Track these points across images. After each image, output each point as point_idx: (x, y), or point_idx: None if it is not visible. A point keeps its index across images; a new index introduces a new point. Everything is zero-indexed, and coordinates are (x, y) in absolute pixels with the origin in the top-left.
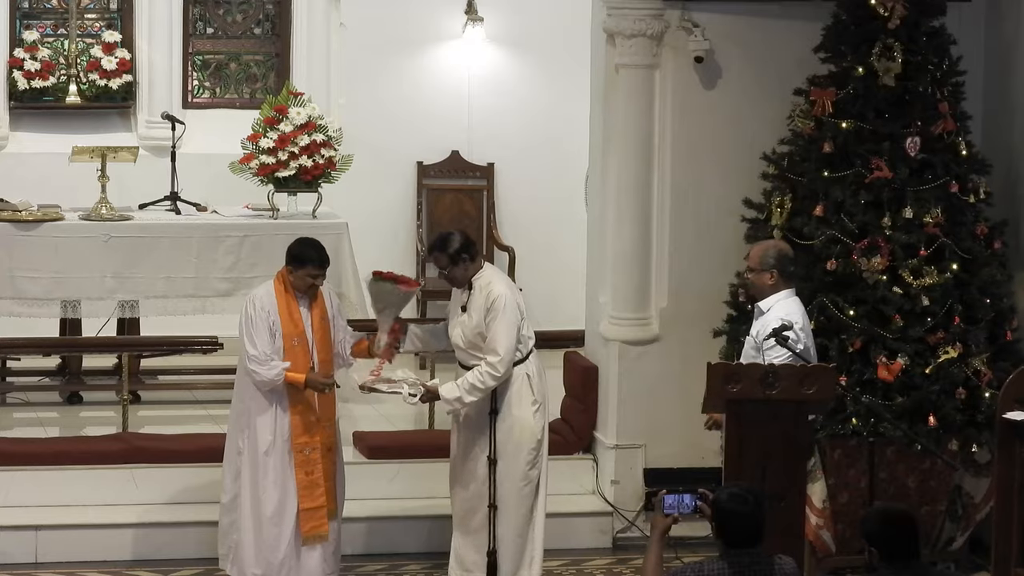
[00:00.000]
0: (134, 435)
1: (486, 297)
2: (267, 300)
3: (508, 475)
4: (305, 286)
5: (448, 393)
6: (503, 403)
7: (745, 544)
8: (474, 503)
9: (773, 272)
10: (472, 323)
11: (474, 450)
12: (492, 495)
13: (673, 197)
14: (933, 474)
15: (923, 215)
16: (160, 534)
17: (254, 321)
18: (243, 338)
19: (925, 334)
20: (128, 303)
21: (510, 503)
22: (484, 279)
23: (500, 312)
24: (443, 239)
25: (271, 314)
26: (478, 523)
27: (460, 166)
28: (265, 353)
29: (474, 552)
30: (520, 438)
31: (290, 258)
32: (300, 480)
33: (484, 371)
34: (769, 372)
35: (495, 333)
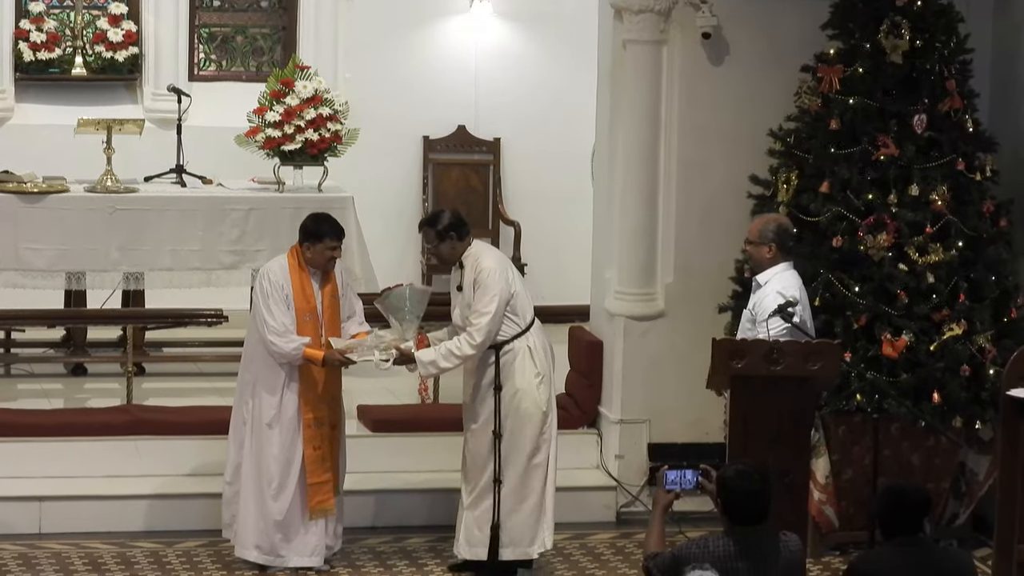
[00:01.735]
0: (138, 407)
1: (474, 271)
2: (281, 274)
3: (513, 450)
4: (324, 260)
5: (424, 357)
6: (506, 377)
7: (751, 521)
8: (482, 477)
9: (772, 246)
10: (467, 300)
11: (480, 425)
12: (497, 470)
13: (680, 173)
14: (937, 451)
15: (929, 193)
16: (164, 506)
17: (269, 294)
18: (260, 310)
19: (930, 311)
20: (133, 275)
21: (515, 478)
22: (472, 256)
23: (484, 284)
24: (433, 215)
25: (284, 287)
26: (484, 498)
27: (466, 141)
28: (284, 324)
29: (476, 527)
30: (525, 412)
31: (305, 235)
32: (308, 455)
33: (463, 339)
34: (774, 348)
35: (477, 303)
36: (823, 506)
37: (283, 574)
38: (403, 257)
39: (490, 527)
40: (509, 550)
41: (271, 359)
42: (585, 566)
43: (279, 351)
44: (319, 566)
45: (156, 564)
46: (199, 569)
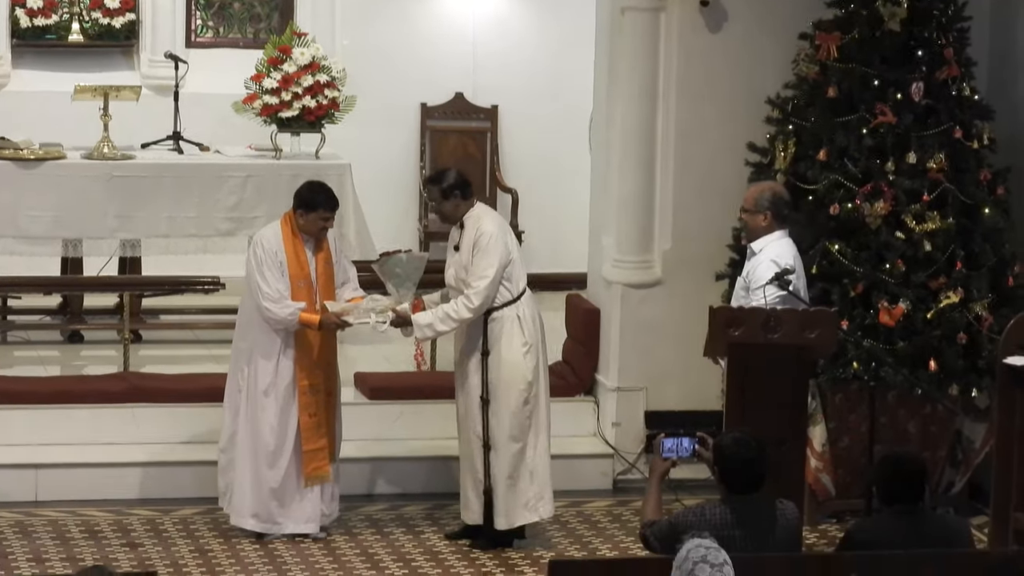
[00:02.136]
0: (135, 374)
1: (474, 233)
2: (274, 241)
3: (498, 415)
4: (316, 229)
5: (421, 319)
6: (493, 344)
7: (747, 489)
8: (473, 443)
9: (767, 214)
10: (462, 261)
11: (469, 391)
12: (486, 435)
13: (677, 140)
14: (934, 419)
15: (926, 161)
16: (160, 473)
17: (263, 260)
18: (254, 277)
19: (927, 279)
20: (130, 242)
21: (501, 444)
22: (474, 217)
23: (484, 248)
24: (438, 174)
25: (279, 254)
26: (477, 463)
27: (464, 108)
28: (278, 290)
29: (473, 492)
30: (510, 379)
31: (300, 202)
32: (304, 422)
33: (460, 302)
34: (771, 317)
35: (476, 267)
36: (820, 474)
37: (280, 542)
38: (400, 224)
39: (483, 491)
40: (502, 518)
41: (267, 326)
42: (582, 534)
43: (275, 317)
44: (315, 533)
45: (153, 532)
46: (196, 537)
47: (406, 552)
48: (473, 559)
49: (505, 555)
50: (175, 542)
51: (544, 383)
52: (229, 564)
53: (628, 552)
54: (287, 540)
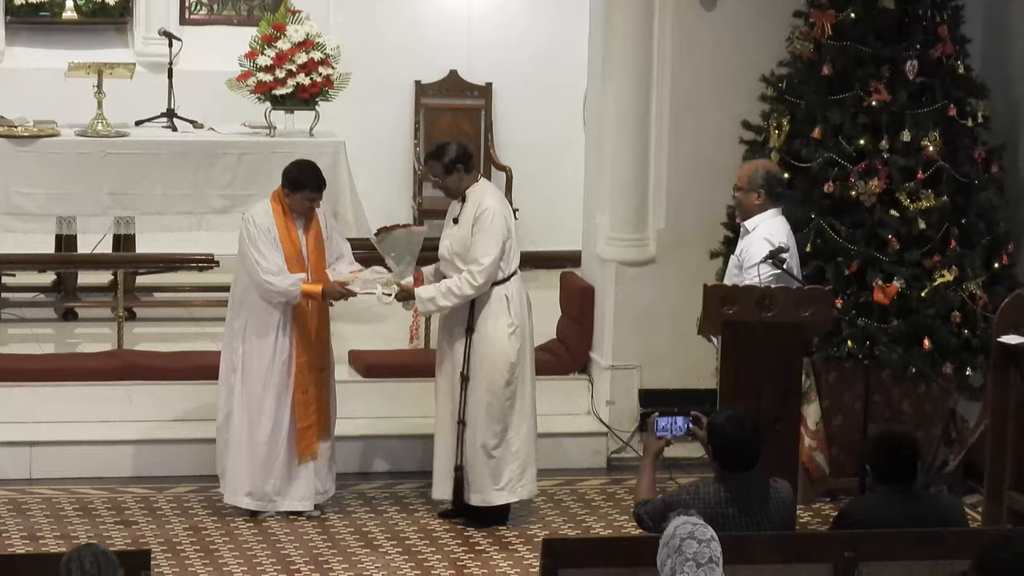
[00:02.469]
0: (129, 352)
1: (476, 208)
2: (266, 219)
3: (475, 393)
4: (303, 209)
5: (424, 293)
6: (479, 321)
7: (741, 467)
8: (449, 418)
9: (760, 192)
10: (460, 234)
11: (450, 366)
12: (461, 411)
13: (672, 118)
14: (928, 398)
15: (921, 139)
16: (155, 451)
17: (256, 237)
18: (249, 254)
19: (921, 258)
20: (124, 219)
21: (477, 421)
22: (477, 192)
23: (487, 224)
24: (439, 148)
25: (271, 231)
26: (446, 440)
27: (458, 85)
28: (277, 264)
29: (442, 466)
30: (493, 359)
31: (287, 181)
32: (297, 399)
33: (463, 278)
34: (765, 295)
35: (479, 243)
36: (813, 452)
37: (273, 519)
38: (394, 201)
39: (454, 467)
40: (476, 495)
41: (262, 304)
42: (576, 512)
43: (276, 289)
44: (310, 511)
45: (147, 509)
46: (190, 515)
47: (400, 530)
48: (467, 537)
49: (498, 533)
50: (169, 520)
51: (529, 366)
52: (223, 542)
53: (622, 530)
54: (281, 518)
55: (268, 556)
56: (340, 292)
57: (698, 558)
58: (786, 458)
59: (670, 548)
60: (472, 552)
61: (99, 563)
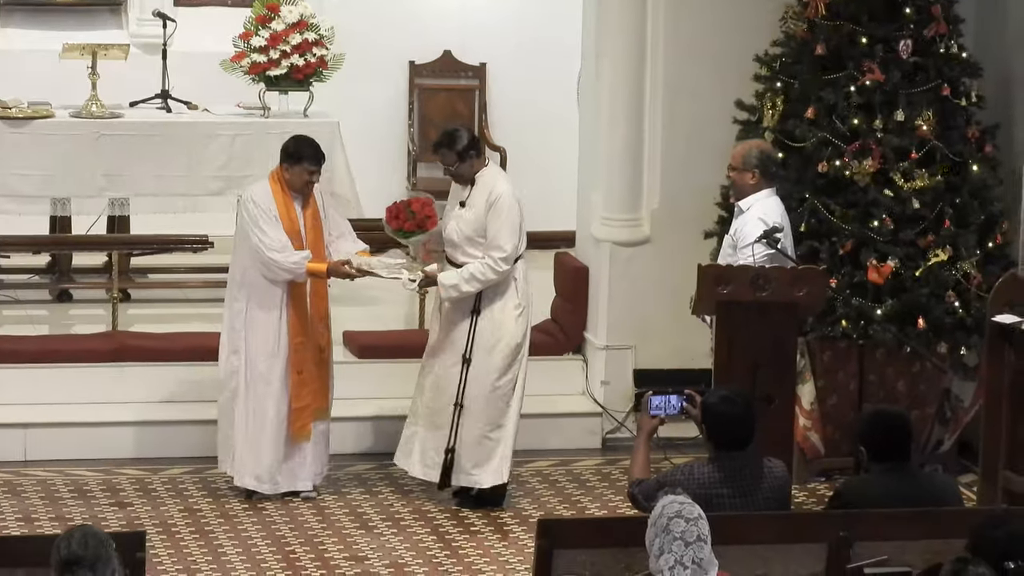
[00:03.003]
0: (124, 333)
1: (489, 194)
2: (265, 198)
3: (479, 376)
4: (301, 183)
5: (447, 280)
6: (486, 304)
7: (735, 447)
8: (445, 400)
9: (755, 172)
10: (471, 218)
11: (451, 347)
12: (460, 394)
13: (666, 97)
14: (923, 377)
15: (915, 118)
16: (149, 433)
17: (258, 216)
18: (252, 233)
19: (915, 237)
20: (118, 201)
21: (477, 405)
22: (488, 176)
23: (506, 209)
24: (450, 136)
25: (271, 210)
26: (444, 420)
27: (452, 66)
28: (281, 241)
29: (430, 447)
30: (499, 341)
31: (285, 155)
32: (293, 379)
33: (486, 264)
34: (760, 274)
35: (500, 229)
36: (808, 432)
37: (268, 501)
38: (388, 183)
39: (445, 450)
40: (463, 476)
41: (263, 283)
42: (571, 492)
43: (282, 266)
44: (307, 491)
45: (142, 491)
46: (184, 496)
47: (395, 511)
48: (462, 518)
49: (493, 514)
50: (164, 501)
51: (527, 348)
52: (218, 523)
53: (617, 511)
54: (276, 499)
55: (263, 537)
56: (345, 272)
57: (686, 536)
58: (781, 438)
59: (658, 527)
60: (467, 533)
61: (87, 543)
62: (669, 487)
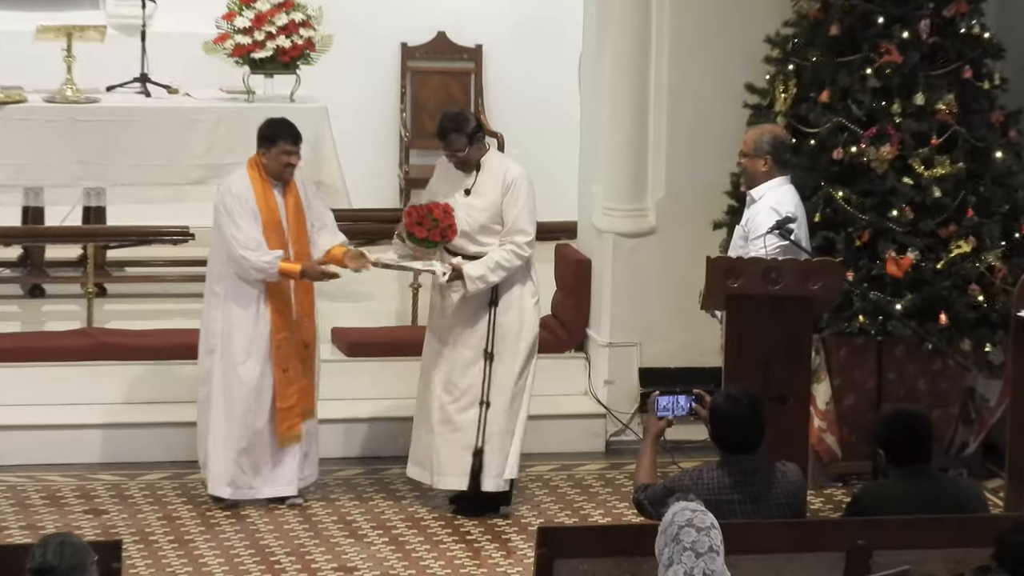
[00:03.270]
0: (100, 330)
1: (502, 178)
2: (243, 188)
3: (503, 371)
4: (280, 166)
5: (474, 271)
6: (504, 293)
7: (742, 450)
8: (467, 400)
9: (767, 158)
10: (484, 205)
11: (467, 342)
12: (485, 391)
13: (671, 81)
14: (945, 375)
15: (935, 102)
16: (126, 436)
17: (233, 208)
18: (226, 227)
19: (936, 227)
20: (94, 190)
21: (502, 401)
22: (495, 159)
23: (522, 192)
24: (458, 119)
25: (249, 200)
26: (466, 421)
27: (446, 48)
28: (255, 239)
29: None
30: (520, 331)
31: (261, 139)
32: (278, 378)
33: (510, 250)
34: (772, 267)
35: (520, 212)
36: (824, 434)
37: (253, 508)
38: (379, 171)
39: (472, 453)
40: (491, 480)
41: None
42: (572, 498)
43: (253, 265)
44: (292, 497)
45: (118, 497)
46: (163, 503)
47: (386, 519)
48: (458, 526)
49: (491, 521)
50: (141, 508)
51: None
52: (199, 532)
53: (622, 518)
54: (261, 506)
55: (247, 547)
56: (320, 272)
57: (697, 547)
58: (794, 440)
59: (667, 536)
60: (463, 542)
61: (63, 552)
62: (679, 493)
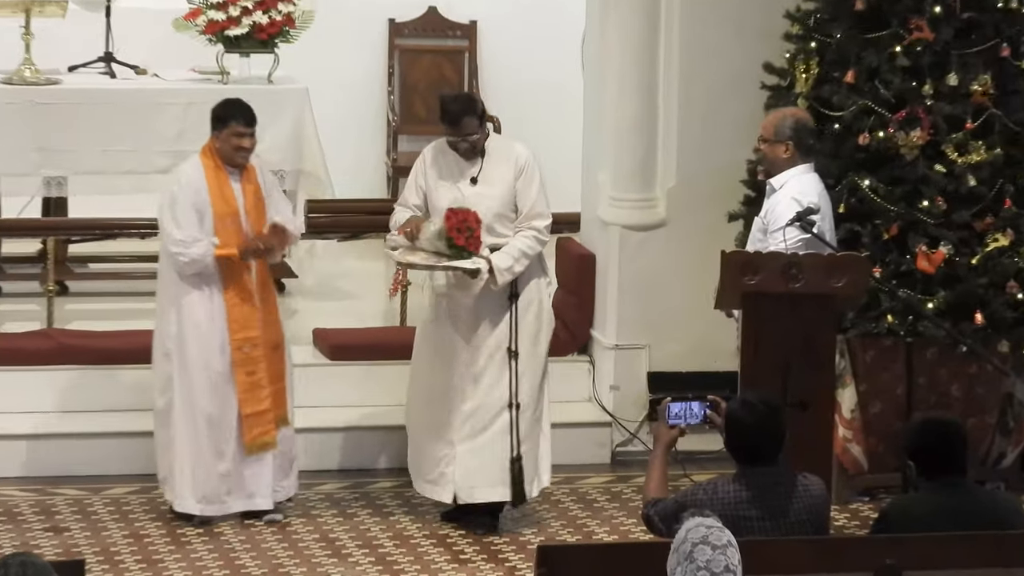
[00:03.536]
0: (61, 331)
1: (513, 161)
2: (195, 176)
3: (530, 368)
4: (231, 149)
5: (501, 262)
6: (523, 284)
7: (759, 461)
8: (493, 405)
9: (789, 144)
10: (497, 193)
11: (486, 341)
12: (514, 392)
13: (682, 60)
14: (980, 380)
15: (969, 83)
16: (90, 446)
17: (178, 199)
18: (165, 219)
19: (971, 219)
20: (55, 180)
21: (529, 401)
22: (497, 143)
23: (535, 174)
24: (469, 100)
25: (200, 192)
26: (499, 429)
27: (438, 24)
28: (192, 236)
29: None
30: (542, 325)
31: (213, 120)
32: (241, 382)
33: (532, 236)
34: (792, 263)
35: (537, 195)
36: (849, 444)
37: (227, 525)
38: (365, 158)
39: (510, 461)
40: (534, 485)
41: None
42: (576, 514)
43: (188, 259)
44: (268, 509)
45: (80, 514)
46: (130, 520)
47: (372, 536)
48: (450, 544)
49: (487, 540)
50: (106, 526)
51: None
52: (168, 551)
53: (629, 535)
54: (236, 523)
55: (220, 567)
56: (258, 246)
57: (712, 566)
58: (817, 450)
59: (680, 554)
60: (456, 561)
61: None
62: (693, 508)
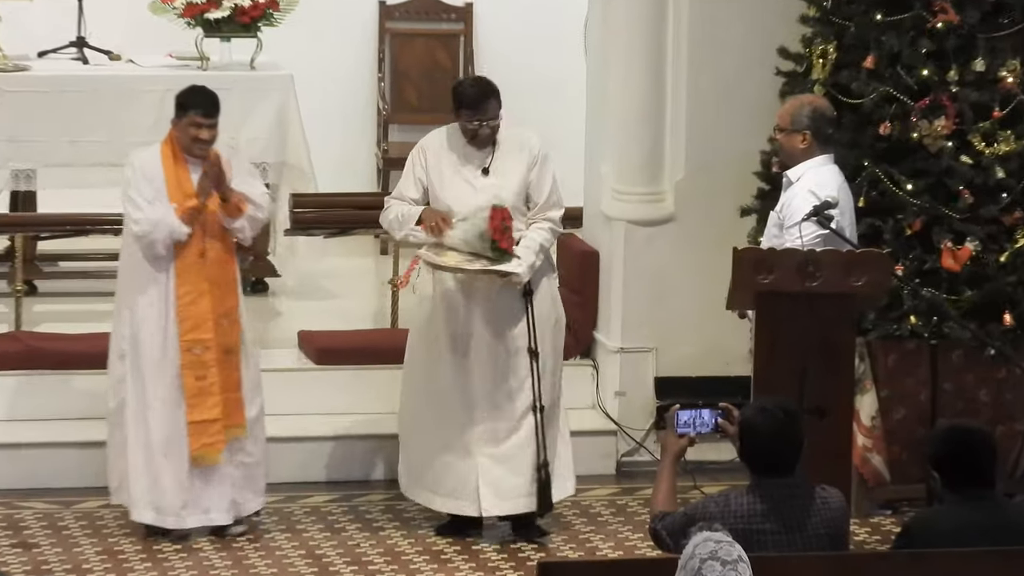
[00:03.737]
0: (30, 334)
1: (527, 150)
2: (150, 164)
3: (549, 367)
4: (189, 140)
5: (527, 261)
6: (536, 281)
7: (775, 472)
8: (518, 411)
9: (806, 134)
10: (511, 184)
11: (504, 342)
12: (538, 395)
13: (692, 44)
14: (1009, 385)
15: (997, 68)
16: (61, 456)
17: (131, 182)
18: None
19: (999, 214)
20: (23, 173)
21: (551, 401)
22: (508, 131)
23: (549, 162)
24: (487, 83)
25: (155, 180)
26: (525, 434)
27: (431, 7)
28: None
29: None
30: (556, 320)
31: (175, 107)
32: (189, 386)
33: (549, 228)
34: (809, 260)
35: (553, 186)
36: (868, 454)
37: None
38: (352, 150)
39: (537, 467)
40: (558, 490)
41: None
42: (579, 529)
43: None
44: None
45: (50, 528)
46: (103, 535)
47: (362, 553)
48: (444, 561)
49: (483, 556)
50: (78, 541)
51: None
52: (144, 568)
53: (635, 551)
54: (216, 539)
55: None
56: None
57: None
58: (836, 460)
59: (688, 571)
60: None
61: None
62: (702, 522)
